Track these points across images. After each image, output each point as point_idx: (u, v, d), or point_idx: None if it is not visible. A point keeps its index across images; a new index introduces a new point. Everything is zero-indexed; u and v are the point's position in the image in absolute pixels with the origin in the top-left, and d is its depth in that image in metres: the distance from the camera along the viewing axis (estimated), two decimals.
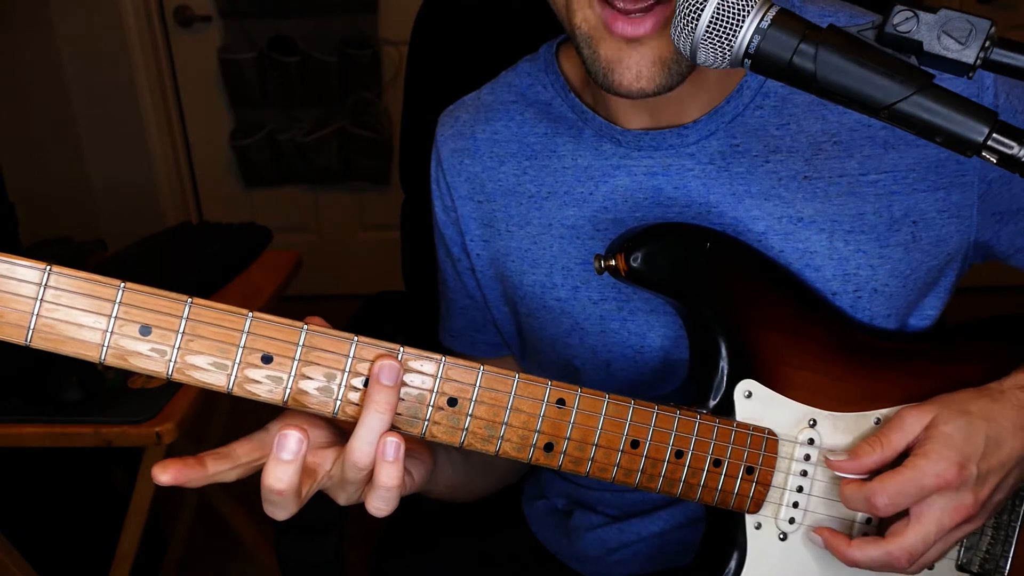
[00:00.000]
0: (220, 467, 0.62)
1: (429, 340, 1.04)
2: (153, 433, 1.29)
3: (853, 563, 0.76)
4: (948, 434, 0.73)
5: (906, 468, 0.72)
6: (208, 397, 1.41)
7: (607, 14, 0.73)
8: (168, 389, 1.36)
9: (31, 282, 0.57)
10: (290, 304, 1.28)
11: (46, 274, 0.57)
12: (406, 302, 1.50)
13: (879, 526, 0.79)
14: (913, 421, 0.75)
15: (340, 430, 0.70)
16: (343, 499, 0.67)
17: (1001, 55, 0.55)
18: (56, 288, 0.57)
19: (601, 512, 0.99)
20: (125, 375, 1.39)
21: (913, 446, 0.75)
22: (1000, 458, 0.75)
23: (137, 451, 1.49)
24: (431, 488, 0.80)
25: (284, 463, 0.60)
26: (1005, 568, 0.84)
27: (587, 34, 0.75)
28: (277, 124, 3.06)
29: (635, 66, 0.74)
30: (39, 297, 0.57)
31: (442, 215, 0.97)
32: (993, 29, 0.55)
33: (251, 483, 0.65)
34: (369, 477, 0.64)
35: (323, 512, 1.06)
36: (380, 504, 0.65)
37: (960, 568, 0.83)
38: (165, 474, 0.59)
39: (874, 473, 0.75)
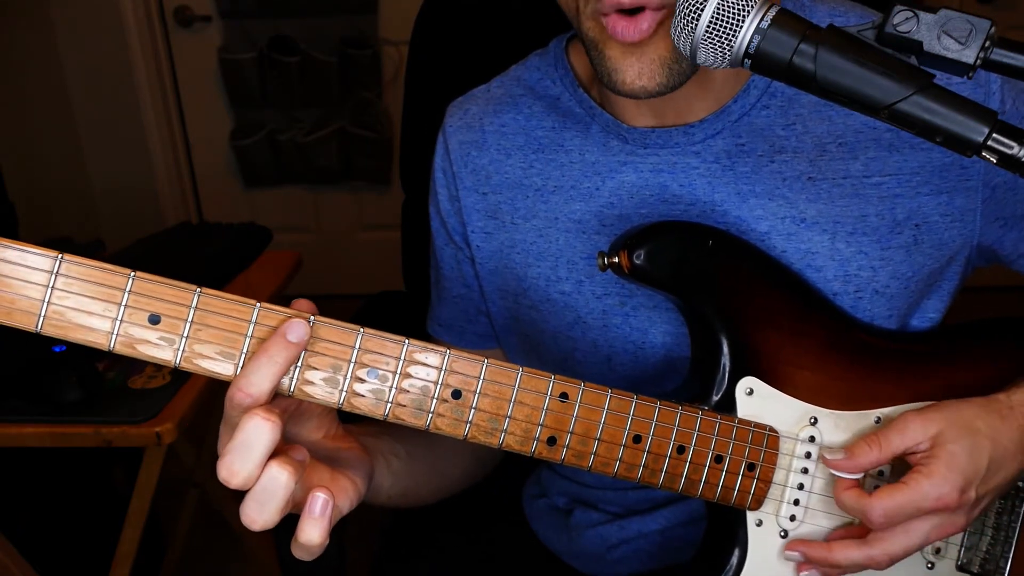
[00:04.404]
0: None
1: (430, 340, 1.04)
2: (153, 433, 1.29)
3: (835, 565, 0.76)
4: (954, 454, 0.72)
5: (907, 487, 0.71)
6: (208, 397, 1.41)
7: (608, 20, 0.74)
8: (168, 389, 1.36)
9: (43, 270, 0.57)
10: (290, 304, 1.28)
11: (57, 262, 0.58)
12: (406, 302, 1.50)
13: None
14: (917, 428, 0.73)
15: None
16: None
17: (1001, 55, 0.55)
18: (67, 276, 0.58)
19: (602, 510, 0.99)
20: (125, 375, 1.40)
21: (914, 456, 0.74)
22: (998, 480, 0.75)
23: (137, 451, 1.50)
24: (371, 499, 0.78)
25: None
26: (1005, 569, 0.84)
27: (593, 40, 0.77)
28: (277, 124, 3.06)
29: (637, 64, 0.75)
30: (50, 285, 0.58)
31: (447, 204, 0.97)
32: (993, 29, 0.55)
33: None
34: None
35: None
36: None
37: (960, 568, 0.84)
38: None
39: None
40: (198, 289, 0.60)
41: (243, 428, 0.58)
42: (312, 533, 0.61)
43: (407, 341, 0.65)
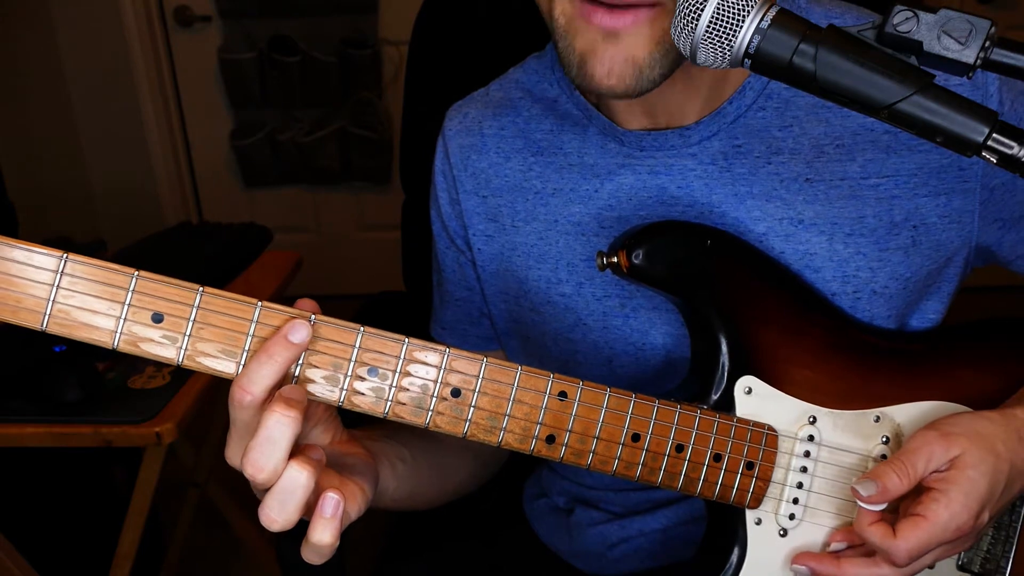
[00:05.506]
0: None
1: (429, 340, 1.04)
2: (153, 433, 1.29)
3: None
4: (973, 480, 0.71)
5: (927, 520, 0.70)
6: (208, 397, 1.42)
7: (586, 9, 0.73)
8: (168, 389, 1.36)
9: (48, 269, 0.58)
10: (290, 304, 1.28)
11: (62, 262, 0.58)
12: (406, 302, 1.50)
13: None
14: (940, 453, 0.72)
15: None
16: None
17: (1001, 55, 0.55)
18: (72, 275, 0.59)
19: (603, 509, 0.99)
20: (125, 375, 1.40)
21: (930, 478, 0.73)
22: (1008, 497, 0.75)
23: (137, 451, 1.50)
24: (375, 502, 0.77)
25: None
26: (1006, 569, 0.84)
27: (564, 27, 0.75)
28: (277, 124, 3.07)
29: (608, 61, 0.73)
30: (55, 284, 0.58)
31: (447, 208, 0.97)
32: (993, 29, 0.55)
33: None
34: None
35: None
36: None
37: (961, 568, 0.84)
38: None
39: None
40: (201, 288, 0.61)
41: (265, 425, 0.59)
42: (323, 534, 0.62)
43: (407, 340, 0.65)
